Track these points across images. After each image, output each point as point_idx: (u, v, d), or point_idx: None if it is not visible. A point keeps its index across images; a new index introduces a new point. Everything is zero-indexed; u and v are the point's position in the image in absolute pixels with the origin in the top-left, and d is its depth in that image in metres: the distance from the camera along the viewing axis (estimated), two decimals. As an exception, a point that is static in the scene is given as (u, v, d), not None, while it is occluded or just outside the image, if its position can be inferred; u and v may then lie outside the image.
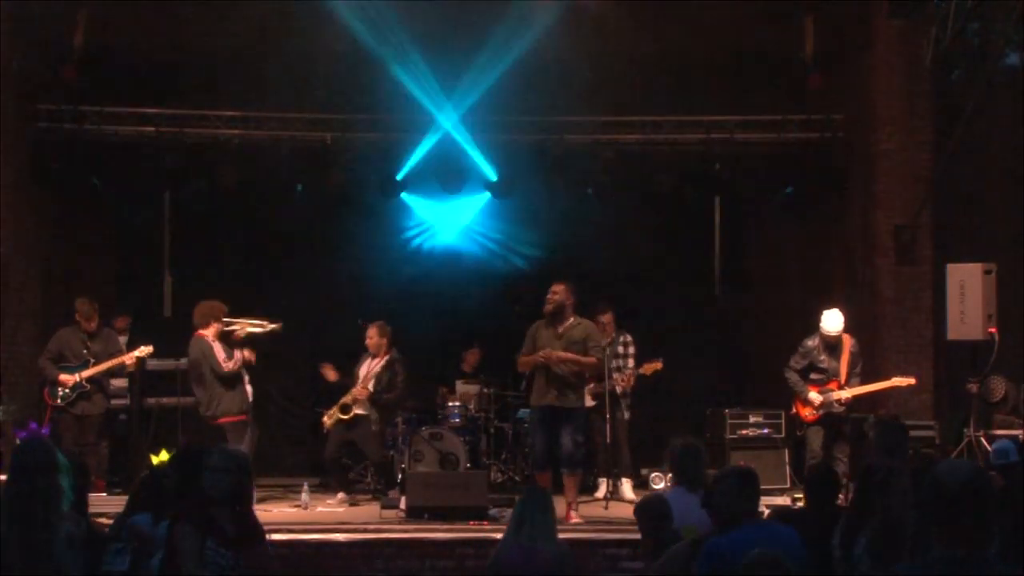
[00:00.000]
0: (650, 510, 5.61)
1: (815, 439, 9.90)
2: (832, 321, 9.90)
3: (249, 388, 9.89)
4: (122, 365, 10.29)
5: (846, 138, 11.55)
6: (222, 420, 9.61)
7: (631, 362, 10.48)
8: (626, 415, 10.40)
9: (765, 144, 11.66)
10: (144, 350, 10.26)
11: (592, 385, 10.01)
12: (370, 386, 10.30)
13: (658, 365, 10.37)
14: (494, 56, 10.97)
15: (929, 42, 10.75)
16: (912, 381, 10.01)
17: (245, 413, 9.76)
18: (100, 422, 10.32)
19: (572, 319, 9.08)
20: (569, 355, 8.88)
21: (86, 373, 10.01)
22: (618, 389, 10.20)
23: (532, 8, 10.77)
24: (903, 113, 11.12)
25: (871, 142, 11.26)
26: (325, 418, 10.43)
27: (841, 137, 11.55)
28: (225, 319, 9.84)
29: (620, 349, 10.48)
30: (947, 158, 10.68)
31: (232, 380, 9.71)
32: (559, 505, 7.50)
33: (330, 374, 10.56)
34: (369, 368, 10.44)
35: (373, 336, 10.46)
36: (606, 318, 10.46)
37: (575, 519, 8.82)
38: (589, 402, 10.06)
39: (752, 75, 11.62)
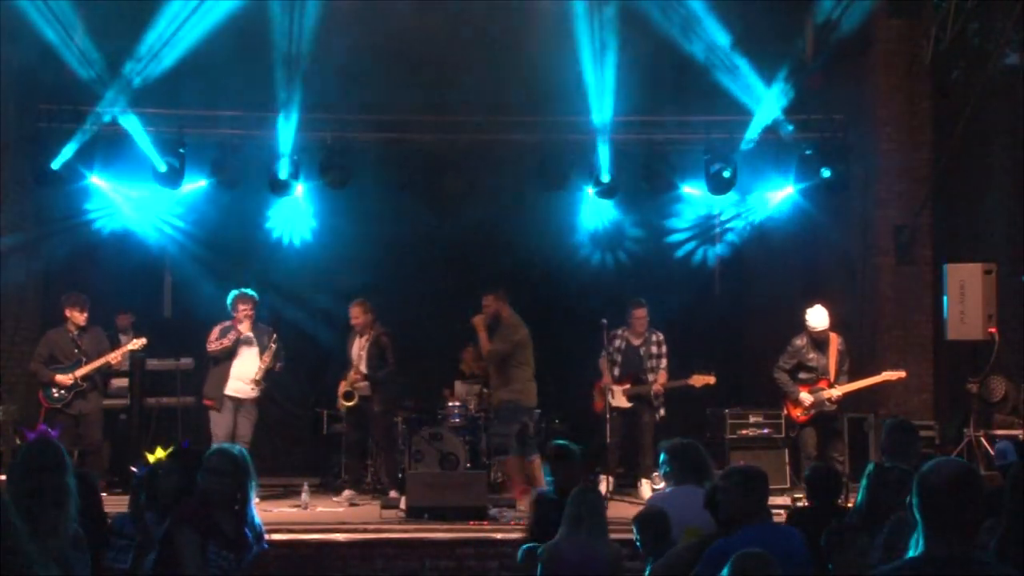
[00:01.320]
0: (650, 525, 5.57)
1: (808, 440, 9.89)
2: (817, 317, 9.89)
3: (236, 383, 9.85)
4: (120, 359, 10.28)
5: (846, 138, 11.55)
6: (204, 400, 9.91)
7: (664, 362, 10.46)
8: (661, 413, 10.38)
9: (765, 144, 11.66)
10: (137, 342, 10.26)
11: (628, 386, 10.09)
12: (362, 367, 10.34)
13: (711, 380, 10.28)
14: (495, 56, 10.97)
15: (929, 42, 10.76)
16: (902, 375, 10.00)
17: (215, 400, 9.78)
18: (100, 420, 10.31)
19: (506, 322, 9.82)
20: (479, 326, 9.78)
21: (80, 372, 10.01)
22: (652, 391, 10.25)
23: (532, 8, 10.77)
24: (903, 113, 11.13)
25: (871, 142, 11.26)
26: (341, 402, 10.54)
27: (841, 137, 11.56)
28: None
29: (654, 348, 10.45)
30: (947, 158, 10.68)
31: (216, 360, 9.76)
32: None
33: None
34: (359, 348, 10.46)
35: (358, 315, 10.43)
36: (639, 313, 10.47)
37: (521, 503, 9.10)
38: (625, 403, 10.15)
39: (752, 75, 11.62)
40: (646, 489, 10.19)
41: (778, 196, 12.18)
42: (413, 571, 8.07)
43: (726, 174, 11.55)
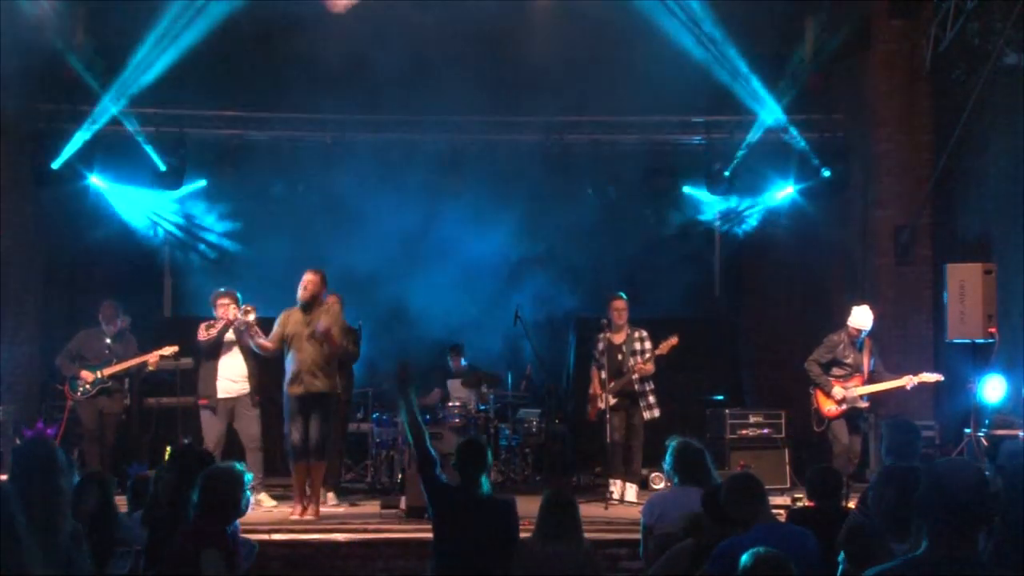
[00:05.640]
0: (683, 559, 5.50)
1: (841, 432, 9.68)
2: (864, 316, 9.73)
3: (224, 383, 9.65)
4: (154, 363, 10.23)
5: (846, 138, 11.56)
6: (200, 400, 9.60)
7: (648, 356, 10.10)
8: (644, 416, 10.06)
9: (765, 144, 11.66)
10: (169, 349, 10.22)
11: (612, 384, 9.87)
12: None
13: (674, 341, 9.93)
14: (492, 56, 10.98)
15: (929, 42, 10.76)
16: (939, 378, 9.84)
17: (206, 398, 9.58)
18: (117, 423, 10.32)
19: (324, 305, 8.94)
20: (333, 325, 8.77)
21: (108, 371, 10.04)
22: (634, 376, 9.93)
23: (532, 8, 10.78)
24: (903, 113, 11.13)
25: (871, 142, 11.26)
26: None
27: (841, 137, 11.56)
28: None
29: (636, 345, 10.11)
30: (947, 158, 10.67)
31: (206, 355, 9.59)
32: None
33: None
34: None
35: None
36: (618, 304, 10.18)
37: (310, 515, 8.77)
38: (611, 400, 9.90)
39: (752, 75, 11.62)
40: (631, 494, 9.98)
41: (778, 196, 12.18)
42: (413, 571, 8.05)
43: (726, 174, 11.57)
